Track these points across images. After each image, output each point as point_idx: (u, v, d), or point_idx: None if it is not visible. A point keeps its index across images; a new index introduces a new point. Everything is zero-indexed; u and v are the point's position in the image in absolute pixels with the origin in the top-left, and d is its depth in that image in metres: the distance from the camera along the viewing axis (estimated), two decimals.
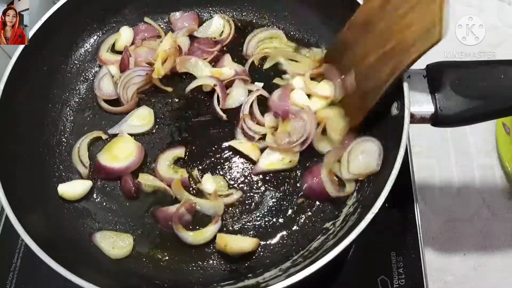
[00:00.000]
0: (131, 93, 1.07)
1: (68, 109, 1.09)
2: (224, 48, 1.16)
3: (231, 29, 1.18)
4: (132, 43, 1.16)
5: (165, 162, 1.00)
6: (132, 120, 1.05)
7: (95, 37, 1.17)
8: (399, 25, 0.80)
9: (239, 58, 1.14)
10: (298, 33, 1.17)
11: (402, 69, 0.81)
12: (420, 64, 0.90)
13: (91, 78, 1.14)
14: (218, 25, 1.18)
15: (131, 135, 1.03)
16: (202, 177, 0.98)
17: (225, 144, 1.02)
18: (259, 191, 0.98)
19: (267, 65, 1.12)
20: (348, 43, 0.91)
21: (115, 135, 1.04)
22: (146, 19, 1.19)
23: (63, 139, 1.06)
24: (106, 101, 1.09)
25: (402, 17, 0.79)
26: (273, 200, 0.97)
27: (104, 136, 1.04)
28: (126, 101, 1.07)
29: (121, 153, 0.99)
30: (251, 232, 0.94)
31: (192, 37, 1.17)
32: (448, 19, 0.72)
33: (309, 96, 1.02)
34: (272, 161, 0.99)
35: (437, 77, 0.87)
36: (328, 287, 0.97)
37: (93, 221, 0.97)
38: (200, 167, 1.00)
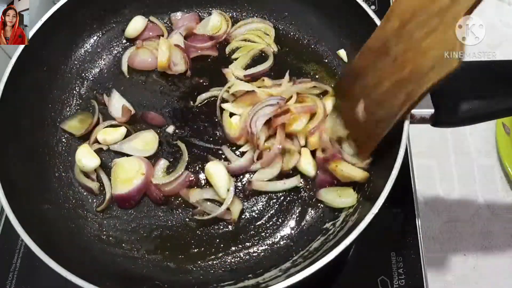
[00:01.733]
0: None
1: (68, 109, 1.09)
2: (218, 44, 1.16)
3: (228, 26, 1.18)
4: (136, 39, 1.16)
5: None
6: (136, 142, 1.02)
7: (95, 37, 1.17)
8: (414, 51, 0.75)
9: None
10: (298, 33, 1.17)
11: (416, 98, 0.75)
12: None
13: (91, 79, 1.14)
14: (216, 22, 1.17)
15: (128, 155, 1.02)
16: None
17: None
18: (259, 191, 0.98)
19: (235, 55, 1.14)
20: (360, 71, 0.87)
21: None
22: (152, 18, 1.19)
23: (63, 139, 1.06)
24: None
25: (419, 42, 0.74)
26: (273, 200, 0.97)
27: (105, 147, 1.03)
28: None
29: (130, 173, 0.96)
30: (252, 232, 0.94)
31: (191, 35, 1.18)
32: (466, 47, 0.70)
33: None
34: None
35: None
36: (328, 287, 0.97)
37: (94, 222, 0.97)
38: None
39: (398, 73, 0.77)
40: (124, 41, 1.18)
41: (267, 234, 0.94)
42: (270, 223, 0.95)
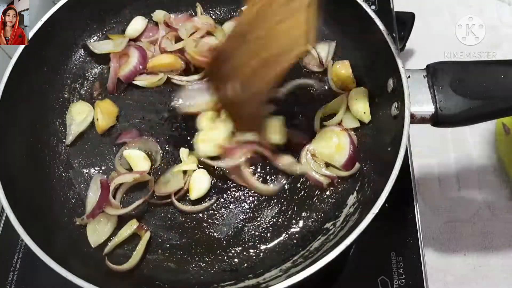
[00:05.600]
0: None
1: (68, 109, 1.09)
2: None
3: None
4: (136, 39, 1.16)
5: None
6: None
7: (95, 37, 1.17)
8: (272, 35, 0.81)
9: None
10: None
11: (274, 78, 0.83)
12: (420, 64, 0.90)
13: (91, 79, 1.14)
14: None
15: None
16: None
17: None
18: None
19: None
20: (228, 54, 0.91)
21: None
22: (154, 18, 1.19)
23: (63, 139, 1.06)
24: None
25: (274, 27, 0.80)
26: (274, 200, 0.97)
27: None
28: None
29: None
30: (252, 232, 0.94)
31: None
32: (314, 32, 0.78)
33: None
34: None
35: (437, 77, 0.87)
36: (328, 287, 0.97)
37: None
38: None
39: (260, 55, 0.84)
40: None
41: (267, 234, 0.94)
42: (271, 223, 0.95)
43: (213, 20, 1.18)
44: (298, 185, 0.98)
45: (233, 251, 0.92)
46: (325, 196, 0.97)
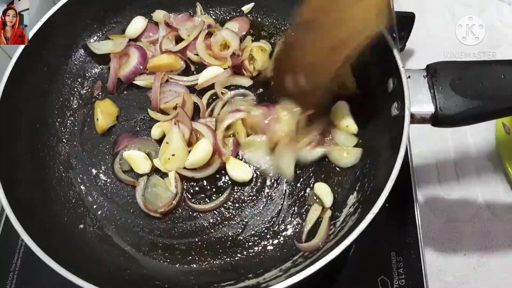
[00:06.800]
0: None
1: (68, 109, 1.09)
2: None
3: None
4: (136, 39, 1.17)
5: None
6: None
7: (95, 37, 1.17)
8: (343, 18, 0.81)
9: None
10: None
11: (348, 59, 0.83)
12: (420, 64, 0.90)
13: (91, 79, 1.14)
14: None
15: None
16: None
17: None
18: (260, 191, 0.98)
19: None
20: (294, 43, 0.91)
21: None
22: (154, 18, 1.19)
23: (63, 139, 1.06)
24: None
25: (345, 10, 0.80)
26: (274, 201, 0.97)
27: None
28: None
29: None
30: (252, 232, 0.94)
31: None
32: (392, 11, 0.78)
33: None
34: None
35: (437, 77, 0.87)
36: (329, 287, 0.97)
37: (94, 221, 0.97)
38: None
39: (326, 43, 0.83)
40: None
41: (268, 234, 0.94)
42: (271, 223, 0.95)
43: (213, 20, 1.18)
44: (298, 185, 0.98)
45: (233, 251, 0.92)
46: None
